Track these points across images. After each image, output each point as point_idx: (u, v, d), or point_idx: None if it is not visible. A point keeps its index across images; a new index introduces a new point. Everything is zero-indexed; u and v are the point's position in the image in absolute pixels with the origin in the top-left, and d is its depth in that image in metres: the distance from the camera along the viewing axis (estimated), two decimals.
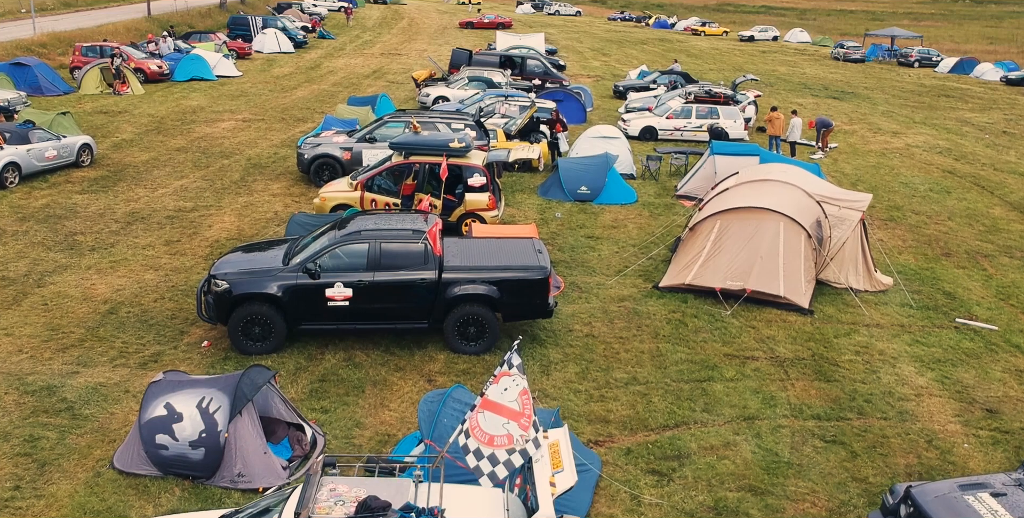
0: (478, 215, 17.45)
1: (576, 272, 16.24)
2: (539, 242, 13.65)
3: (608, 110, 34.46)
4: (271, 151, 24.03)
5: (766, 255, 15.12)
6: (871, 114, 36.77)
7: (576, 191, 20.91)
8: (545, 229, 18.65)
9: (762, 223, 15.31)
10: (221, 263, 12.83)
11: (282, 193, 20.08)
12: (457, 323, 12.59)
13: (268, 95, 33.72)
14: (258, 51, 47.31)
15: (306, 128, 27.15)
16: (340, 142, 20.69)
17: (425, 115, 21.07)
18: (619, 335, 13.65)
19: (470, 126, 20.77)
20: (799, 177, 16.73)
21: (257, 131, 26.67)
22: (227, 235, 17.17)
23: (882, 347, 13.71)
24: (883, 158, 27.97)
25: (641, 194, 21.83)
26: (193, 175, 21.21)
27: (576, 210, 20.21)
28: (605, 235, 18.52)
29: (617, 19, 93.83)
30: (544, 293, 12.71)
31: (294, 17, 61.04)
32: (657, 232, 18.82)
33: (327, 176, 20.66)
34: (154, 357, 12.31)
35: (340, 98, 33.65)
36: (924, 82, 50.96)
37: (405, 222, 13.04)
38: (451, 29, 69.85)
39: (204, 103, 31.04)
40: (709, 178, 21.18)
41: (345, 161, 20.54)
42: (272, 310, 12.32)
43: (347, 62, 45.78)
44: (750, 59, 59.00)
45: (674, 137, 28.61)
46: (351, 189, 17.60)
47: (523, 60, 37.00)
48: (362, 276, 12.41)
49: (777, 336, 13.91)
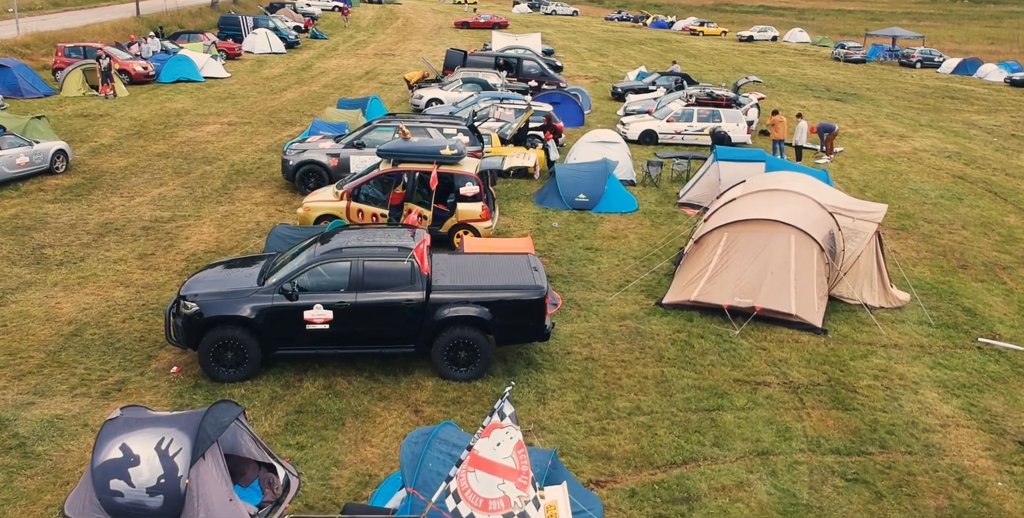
0: (471, 226, 16.53)
1: (574, 287, 15.32)
2: (535, 258, 12.72)
3: (606, 112, 33.55)
4: (256, 156, 23.07)
5: (777, 270, 14.21)
6: (876, 116, 35.90)
7: (574, 199, 19.99)
8: (541, 240, 17.73)
9: (772, 236, 14.40)
10: (192, 283, 11.90)
11: (265, 202, 19.13)
12: (446, 347, 11.66)
13: (256, 97, 32.75)
14: (248, 51, 46.31)
15: (294, 132, 26.20)
16: (326, 148, 19.75)
17: (416, 120, 20.13)
18: (621, 358, 12.73)
19: (463, 131, 19.84)
20: (810, 187, 15.82)
21: (243, 135, 25.71)
22: (205, 248, 16.22)
23: (902, 370, 12.80)
24: (891, 163, 27.09)
25: (642, 202, 20.92)
26: (173, 182, 20.25)
27: (574, 219, 19.29)
28: (605, 246, 17.61)
29: (614, 19, 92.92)
30: (540, 315, 11.79)
31: (286, 17, 60.04)
32: (659, 243, 17.90)
33: (313, 184, 19.72)
34: (118, 385, 11.37)
35: (331, 100, 32.70)
36: (927, 83, 50.11)
37: (390, 238, 12.10)
38: (446, 29, 68.91)
39: (189, 106, 30.07)
40: (713, 185, 20.27)
41: (332, 168, 19.60)
42: (246, 334, 11.38)
43: (339, 63, 44.82)
44: (750, 60, 58.13)
45: (675, 141, 27.70)
46: (337, 198, 16.67)
47: (519, 61, 36.08)
48: (343, 297, 11.48)
49: (790, 359, 13.00)
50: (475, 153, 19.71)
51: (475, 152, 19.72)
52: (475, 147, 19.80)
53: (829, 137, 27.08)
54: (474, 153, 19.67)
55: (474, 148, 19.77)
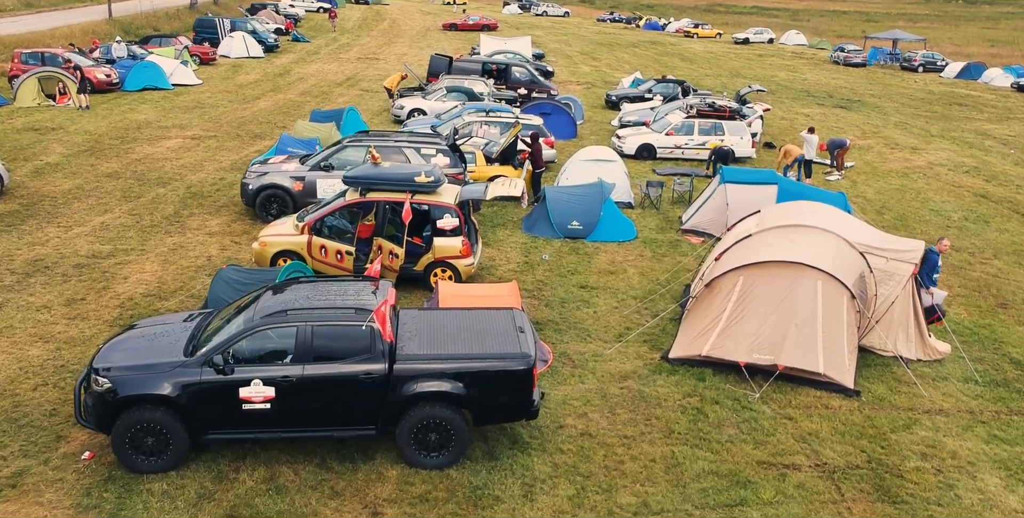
0: (450, 264, 14.53)
1: (567, 337, 13.34)
2: (521, 315, 10.73)
3: (600, 123, 31.59)
4: (216, 176, 21.00)
5: (802, 322, 12.27)
6: (884, 126, 34.04)
7: (566, 226, 18.01)
8: (530, 276, 15.74)
9: (796, 281, 12.46)
10: (106, 351, 9.87)
11: (221, 231, 17.08)
12: (414, 429, 9.66)
13: (226, 107, 30.64)
14: (224, 56, 44.17)
15: (262, 146, 24.14)
16: (290, 170, 17.71)
17: (390, 139, 18.11)
18: (623, 432, 10.76)
19: (443, 151, 17.83)
20: (836, 221, 13.88)
21: (205, 151, 23.62)
22: (144, 290, 14.17)
23: (953, 446, 10.87)
24: (906, 179, 25.21)
25: (641, 227, 18.97)
26: (119, 209, 18.17)
27: (566, 250, 17.31)
28: (601, 283, 15.63)
29: (606, 20, 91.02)
30: (527, 388, 9.81)
31: (268, 19, 57.91)
32: (662, 279, 15.95)
33: (275, 210, 17.70)
34: (13, 479, 9.33)
35: (306, 110, 30.64)
36: (932, 89, 48.34)
37: (347, 296, 10.09)
38: (434, 31, 66.86)
39: (152, 117, 27.95)
40: (720, 210, 18.34)
41: (296, 193, 17.57)
42: (169, 416, 9.37)
43: (319, 68, 42.73)
44: (747, 63, 56.28)
45: (674, 156, 25.76)
46: (297, 232, 14.64)
47: (507, 68, 34.08)
48: (288, 370, 9.48)
49: (821, 431, 11.05)
50: (457, 176, 17.74)
51: (457, 175, 17.74)
52: (456, 170, 17.81)
53: (840, 153, 25.20)
54: (455, 176, 17.71)
55: (455, 171, 17.78)
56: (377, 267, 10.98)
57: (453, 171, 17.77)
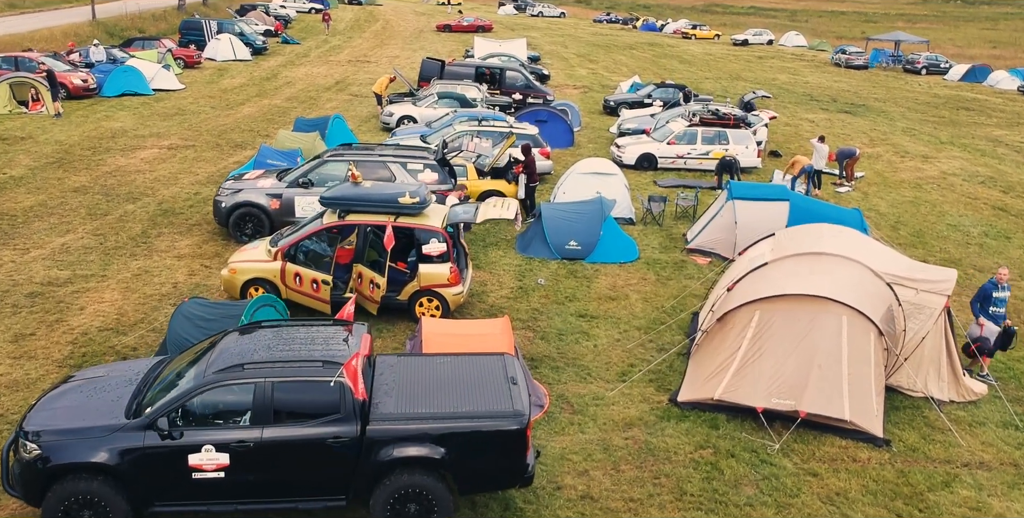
0: (436, 294, 13.30)
1: (565, 376, 12.12)
2: (514, 362, 9.50)
3: (598, 129, 30.38)
4: (191, 190, 19.73)
5: (826, 363, 11.06)
6: (891, 132, 32.86)
7: (564, 247, 16.79)
8: (525, 303, 14.52)
9: (818, 317, 11.26)
10: (39, 409, 8.63)
11: (190, 254, 15.82)
12: (390, 499, 8.43)
13: (208, 113, 29.36)
14: (210, 59, 42.86)
15: (242, 157, 22.87)
16: (266, 187, 16.46)
17: (374, 152, 16.86)
18: (629, 495, 9.54)
19: (430, 166, 16.59)
20: (860, 247, 12.67)
21: (182, 162, 22.35)
22: (101, 323, 12.92)
23: (999, 508, 9.67)
24: (919, 191, 24.02)
25: (643, 246, 17.76)
26: (83, 228, 16.90)
27: (564, 273, 16.08)
28: (602, 311, 14.41)
29: (603, 21, 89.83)
30: (520, 451, 8.58)
31: (257, 20, 56.59)
32: (667, 305, 14.75)
33: (250, 230, 16.45)
34: None
35: (291, 116, 29.39)
36: (937, 92, 47.20)
37: (314, 345, 8.85)
38: (427, 32, 65.59)
39: (129, 125, 26.66)
40: (728, 229, 17.13)
41: (273, 211, 16.32)
42: (108, 487, 8.13)
43: (308, 71, 41.44)
44: (747, 66, 55.12)
45: (676, 166, 24.55)
46: (269, 258, 13.40)
47: (502, 72, 32.83)
48: (245, 434, 8.25)
49: (850, 490, 9.85)
50: (445, 193, 16.51)
51: (445, 192, 16.51)
52: (445, 186, 16.58)
53: (850, 163, 24.01)
54: (444, 193, 16.47)
55: (444, 187, 16.55)
56: (351, 309, 9.73)
57: (442, 187, 16.55)
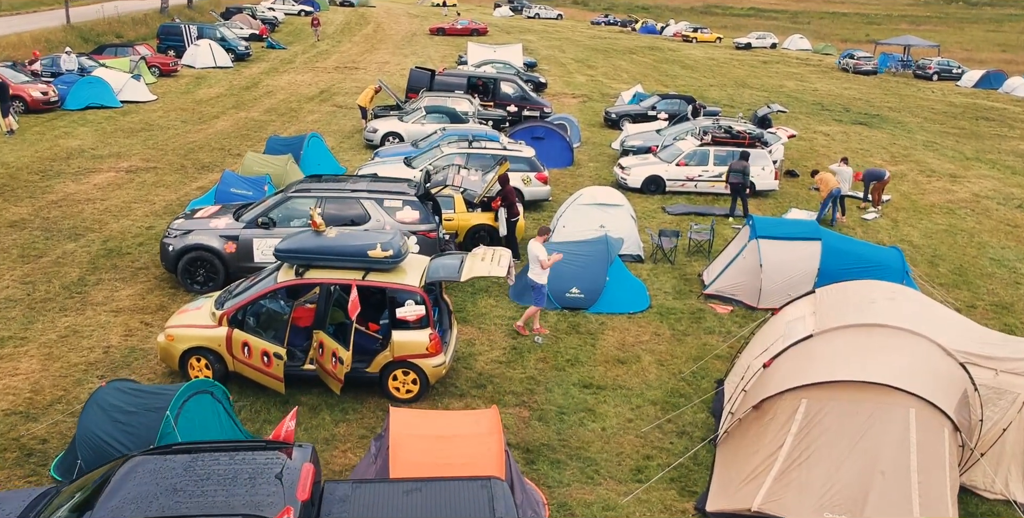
0: (413, 365, 11.12)
1: (567, 474, 9.95)
2: (503, 489, 7.33)
3: (599, 145, 28.22)
4: (144, 224, 17.53)
5: (890, 468, 8.91)
6: (912, 147, 30.73)
7: (564, 295, 14.62)
8: (519, 369, 12.35)
9: (880, 410, 9.11)
10: None
11: (130, 307, 13.62)
12: None
13: (178, 128, 27.15)
14: (189, 66, 40.64)
15: (207, 182, 20.65)
16: (220, 227, 14.25)
17: (346, 186, 14.66)
18: None
19: (410, 204, 14.40)
20: (922, 315, 10.50)
21: (139, 188, 20.15)
22: (9, 404, 10.71)
23: None
24: (953, 217, 21.90)
25: (654, 290, 15.61)
26: (10, 274, 14.68)
27: (565, 327, 13.92)
28: (609, 379, 12.24)
29: (601, 23, 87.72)
30: None
31: (243, 23, 54.38)
32: (686, 370, 12.60)
33: (202, 277, 14.26)
34: None
35: (268, 131, 27.21)
36: (952, 100, 45.12)
37: (236, 485, 6.66)
38: (420, 36, 63.38)
39: (88, 143, 24.44)
40: (751, 272, 14.99)
41: (228, 256, 14.13)
42: None
43: (292, 79, 39.23)
44: (752, 71, 53.01)
45: (686, 189, 22.39)
46: (214, 322, 11.22)
47: (495, 83, 30.65)
48: None
49: None
50: (428, 233, 14.35)
51: (428, 233, 14.35)
52: (427, 225, 14.41)
53: (877, 186, 21.88)
54: (427, 233, 14.32)
55: (426, 227, 14.38)
56: (291, 425, 7.54)
57: (424, 227, 14.38)
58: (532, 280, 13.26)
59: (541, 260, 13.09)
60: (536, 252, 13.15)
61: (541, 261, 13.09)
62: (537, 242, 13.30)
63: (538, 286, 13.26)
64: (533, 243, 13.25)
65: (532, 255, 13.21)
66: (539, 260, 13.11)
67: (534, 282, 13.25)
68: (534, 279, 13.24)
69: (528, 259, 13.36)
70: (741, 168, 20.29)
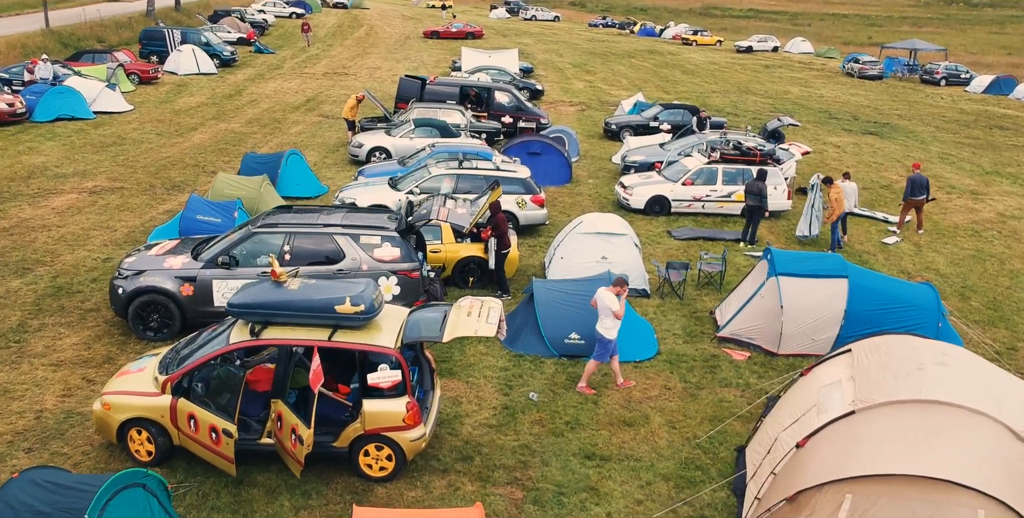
0: (387, 439, 9.58)
1: None
2: None
3: (598, 159, 26.70)
4: (100, 255, 15.97)
5: None
6: (928, 160, 29.21)
7: (562, 341, 13.09)
8: (511, 434, 10.82)
9: (941, 511, 7.59)
10: None
11: (73, 359, 12.06)
12: None
13: (152, 142, 25.59)
14: (171, 72, 39.05)
15: (176, 205, 19.07)
16: (176, 267, 12.70)
17: (318, 219, 13.09)
18: None
19: (390, 240, 12.86)
20: (979, 383, 8.96)
21: (101, 212, 18.59)
22: None
23: None
24: (980, 240, 20.39)
25: (662, 331, 14.09)
26: None
27: (564, 379, 12.38)
28: (615, 447, 10.70)
29: (599, 25, 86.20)
30: None
31: (231, 27, 52.75)
32: (702, 434, 11.07)
33: (156, 323, 12.71)
34: None
35: (248, 145, 25.68)
36: (963, 107, 43.65)
37: None
38: (414, 39, 61.82)
39: (53, 159, 22.87)
40: (771, 314, 13.46)
41: (184, 299, 12.58)
42: None
43: (278, 86, 37.67)
44: (754, 76, 51.52)
45: (693, 210, 20.87)
46: (156, 388, 9.68)
47: (490, 92, 29.10)
48: None
49: None
50: (410, 273, 12.82)
51: (410, 272, 12.81)
52: (409, 264, 12.86)
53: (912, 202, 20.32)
54: (408, 273, 12.78)
55: (408, 266, 12.84)
56: None
57: (406, 266, 12.84)
58: (601, 334, 11.76)
59: (615, 311, 11.56)
60: (608, 303, 11.61)
61: (615, 312, 11.56)
62: (610, 292, 11.72)
63: (606, 341, 11.75)
64: (606, 293, 11.70)
65: (603, 306, 11.67)
66: (612, 311, 11.58)
67: (602, 336, 11.75)
68: (604, 333, 11.73)
69: (599, 310, 11.81)
70: (758, 190, 18.74)
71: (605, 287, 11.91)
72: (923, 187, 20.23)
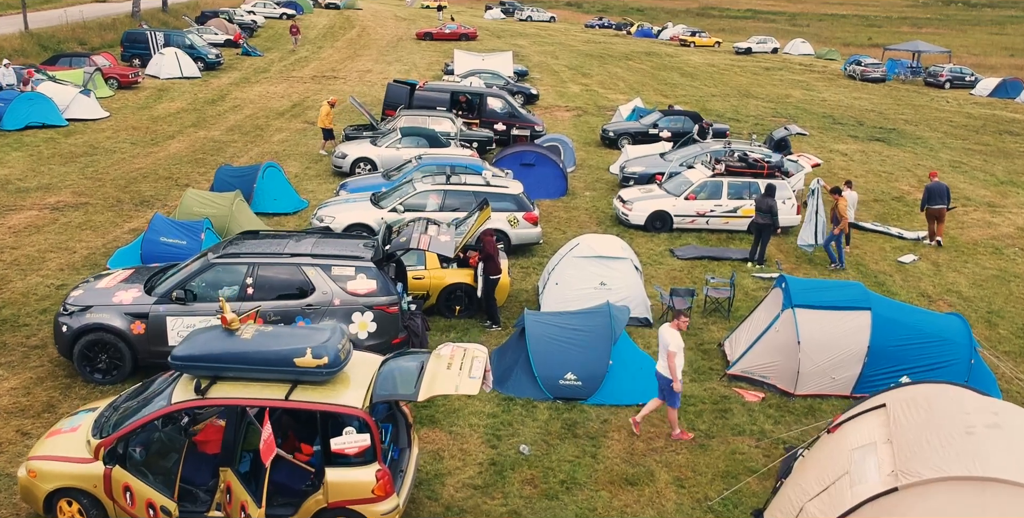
0: (355, 514, 8.30)
1: None
2: None
3: (595, 169, 25.43)
4: (55, 282, 14.67)
5: None
6: (940, 169, 27.90)
7: (557, 382, 11.82)
8: (499, 498, 9.55)
9: None
10: None
11: (8, 408, 10.76)
12: None
13: (125, 151, 24.27)
14: (153, 76, 37.71)
15: (143, 223, 17.72)
16: (126, 302, 11.40)
17: (285, 247, 11.81)
18: None
19: (365, 271, 11.57)
20: None
21: (61, 231, 17.28)
22: None
23: None
24: (1001, 259, 19.16)
25: None
26: None
27: (558, 427, 11.11)
28: (615, 513, 9.44)
29: (595, 26, 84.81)
30: None
31: (218, 28, 51.35)
32: (712, 493, 9.82)
33: (104, 365, 11.42)
34: None
35: (227, 155, 24.38)
36: (970, 111, 42.45)
37: None
38: (407, 41, 60.46)
39: (17, 171, 21.54)
40: (786, 350, 12.20)
41: (135, 338, 11.28)
42: None
43: (263, 91, 36.33)
44: (755, 79, 50.27)
45: (696, 226, 19.62)
46: (89, 454, 8.39)
47: (482, 98, 27.82)
48: None
49: None
50: (387, 308, 11.54)
51: (387, 307, 11.53)
52: (387, 298, 11.58)
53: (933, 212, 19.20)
54: (385, 308, 11.50)
55: (385, 301, 11.55)
56: None
57: (383, 301, 11.55)
58: (663, 375, 10.57)
59: (670, 351, 10.36)
60: (669, 340, 10.39)
61: (670, 351, 10.37)
62: (672, 329, 10.49)
63: (668, 381, 10.55)
64: (668, 330, 10.49)
65: (663, 344, 10.45)
66: (668, 351, 10.37)
67: (663, 376, 10.58)
68: (665, 374, 10.53)
69: (658, 347, 10.59)
70: (767, 207, 17.45)
71: (668, 323, 10.63)
72: (942, 196, 19.08)
